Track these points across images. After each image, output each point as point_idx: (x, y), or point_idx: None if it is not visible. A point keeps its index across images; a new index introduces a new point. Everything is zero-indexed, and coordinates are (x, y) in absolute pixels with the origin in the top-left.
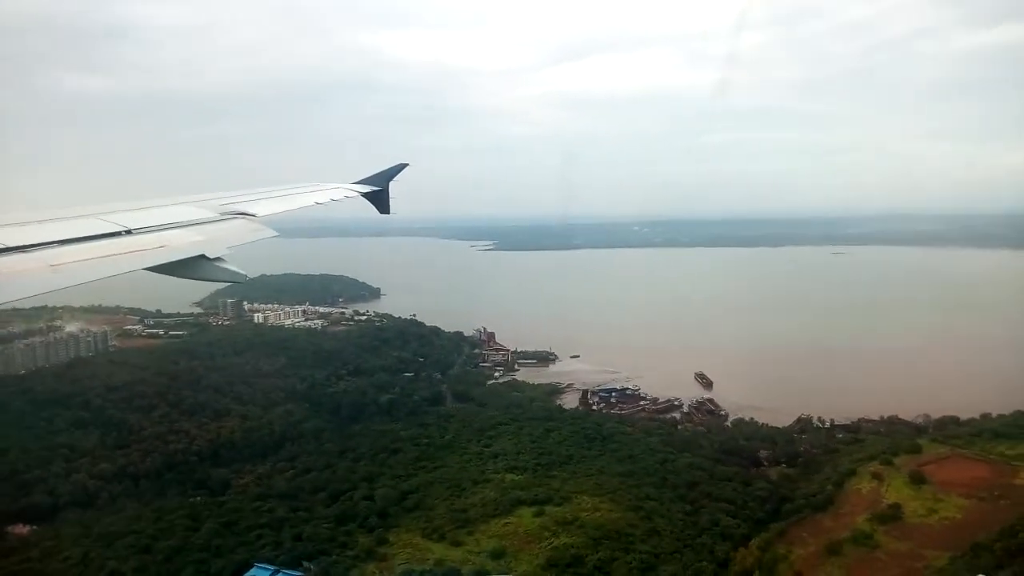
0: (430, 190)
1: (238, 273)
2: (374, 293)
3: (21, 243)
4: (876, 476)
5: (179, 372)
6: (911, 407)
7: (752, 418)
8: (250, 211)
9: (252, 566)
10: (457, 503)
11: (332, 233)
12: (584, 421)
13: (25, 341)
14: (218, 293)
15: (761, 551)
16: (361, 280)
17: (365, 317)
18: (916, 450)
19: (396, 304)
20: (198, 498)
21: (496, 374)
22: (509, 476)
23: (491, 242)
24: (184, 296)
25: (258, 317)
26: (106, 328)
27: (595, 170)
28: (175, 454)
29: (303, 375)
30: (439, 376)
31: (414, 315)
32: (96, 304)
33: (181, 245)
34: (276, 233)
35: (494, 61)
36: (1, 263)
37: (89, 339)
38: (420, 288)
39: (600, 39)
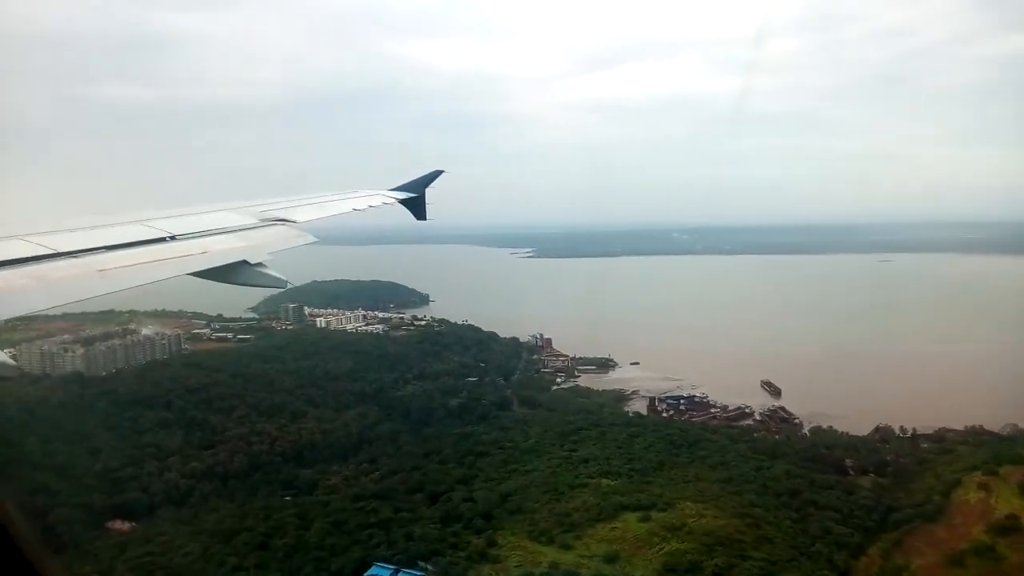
0: (462, 197)
1: (279, 279)
2: (423, 299)
3: (70, 249)
4: (983, 487)
5: (252, 375)
6: (983, 416)
7: (831, 426)
8: (290, 217)
9: (371, 565)
10: (558, 507)
11: (370, 240)
12: (667, 428)
13: (106, 343)
14: (274, 298)
15: (883, 560)
16: (410, 286)
17: (424, 322)
18: (1020, 460)
19: (445, 310)
20: (287, 498)
21: (558, 380)
22: (604, 481)
23: (530, 249)
24: (230, 302)
25: (320, 322)
26: (179, 331)
27: (624, 176)
28: (259, 455)
29: (370, 379)
30: (502, 381)
31: (465, 321)
32: (161, 308)
33: (223, 251)
34: (315, 239)
35: (525, 68)
36: (52, 268)
37: (164, 342)
38: (467, 294)
39: (630, 47)
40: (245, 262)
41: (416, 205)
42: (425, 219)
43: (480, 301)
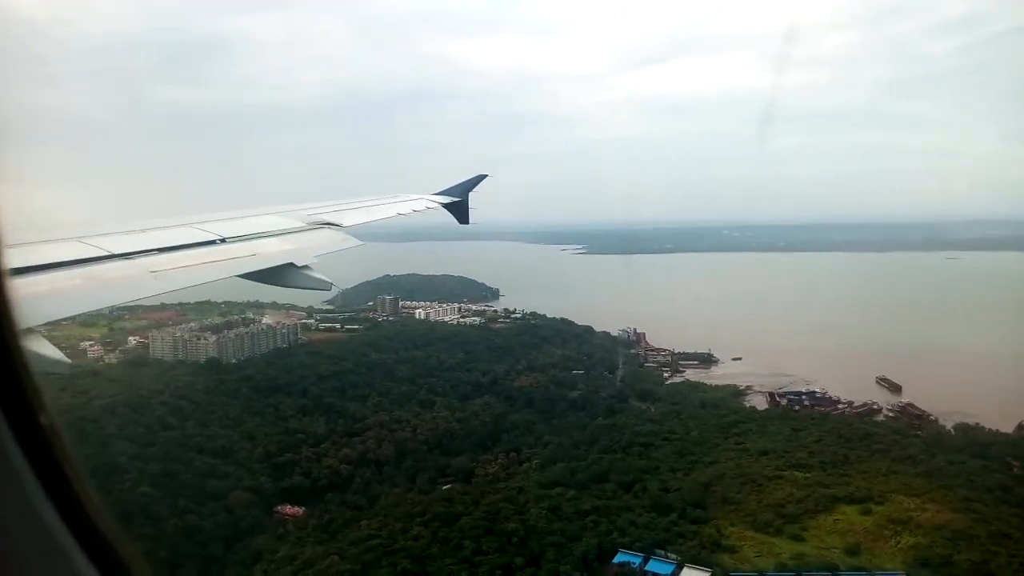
0: (508, 195)
1: (324, 281)
2: (493, 294)
3: (124, 251)
4: None
5: (373, 364)
6: None
7: (978, 423)
8: (336, 221)
9: (613, 551)
10: (765, 498)
11: (412, 237)
12: (826, 421)
13: (234, 331)
14: (350, 292)
15: None
16: (479, 281)
17: (520, 316)
18: None
19: (516, 304)
20: (447, 486)
21: (664, 374)
22: (797, 473)
23: (581, 246)
24: (303, 296)
25: (420, 313)
26: (296, 321)
27: (671, 174)
28: (404, 442)
29: (482, 369)
30: (608, 374)
31: (559, 316)
32: (254, 300)
33: (271, 253)
34: (360, 243)
35: (573, 66)
36: (107, 269)
37: (284, 331)
38: (533, 289)
39: (681, 43)
40: (292, 264)
41: (459, 209)
42: (468, 223)
43: (548, 296)
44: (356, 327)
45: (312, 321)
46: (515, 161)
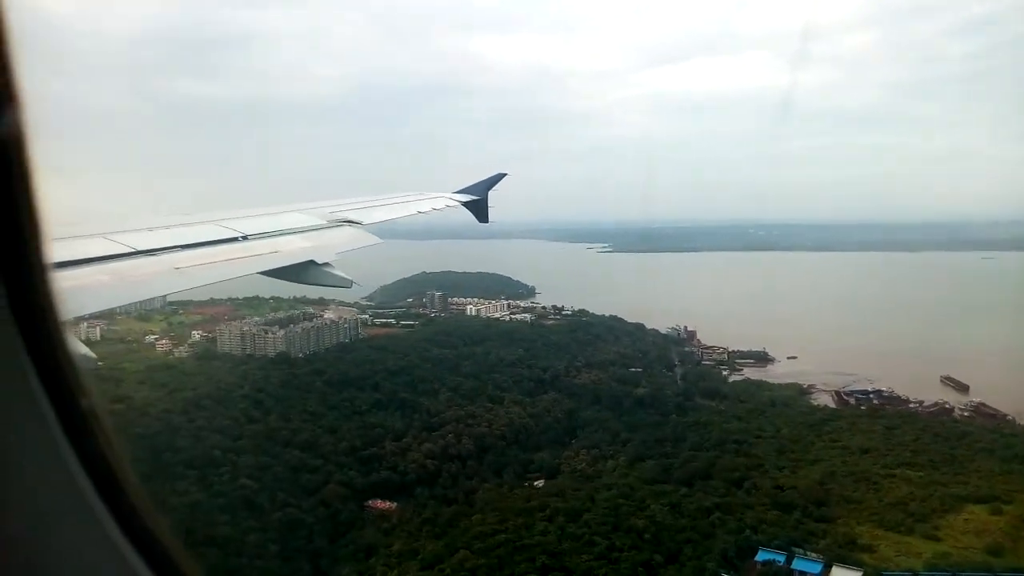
0: (525, 193)
1: (344, 278)
2: (529, 291)
3: (149, 247)
4: None
5: (436, 359)
6: None
7: None
8: (356, 219)
9: (755, 550)
10: (884, 496)
11: (432, 235)
12: (916, 420)
13: (300, 326)
14: (389, 288)
15: None
16: (515, 279)
17: (570, 312)
18: None
19: (552, 301)
20: (537, 483)
21: (723, 372)
22: (910, 472)
23: (605, 244)
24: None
25: (470, 310)
26: (357, 316)
27: (691, 173)
28: (482, 437)
29: (543, 366)
30: (668, 372)
31: (590, 312)
32: (302, 296)
33: (292, 251)
34: (380, 240)
35: (594, 63)
36: (132, 265)
37: (346, 326)
38: (566, 287)
39: (700, 42)
40: (313, 262)
41: (479, 208)
42: (487, 222)
43: (584, 293)
44: (411, 323)
45: (366, 316)
46: (533, 158)
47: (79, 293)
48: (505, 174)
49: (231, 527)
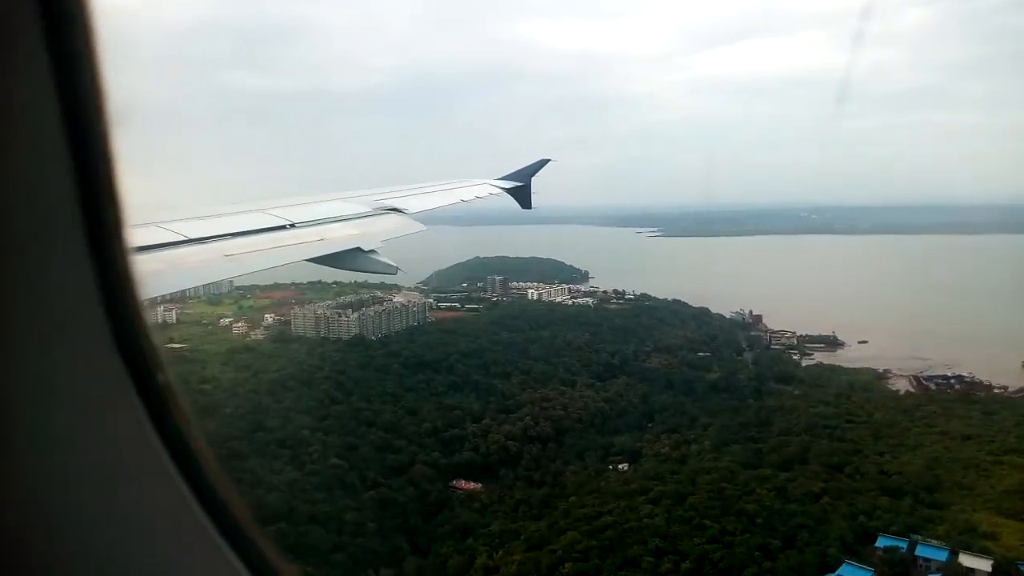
0: (576, 179)
1: (390, 265)
2: (582, 276)
3: (200, 235)
4: None
5: (506, 342)
6: None
7: None
8: (401, 207)
9: (874, 535)
10: (996, 483)
11: (476, 220)
12: (1017, 406)
13: (373, 309)
14: (444, 273)
15: None
16: (568, 263)
17: (632, 297)
18: None
19: (608, 286)
20: (622, 466)
21: (794, 356)
22: (1018, 459)
23: (655, 229)
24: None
25: (531, 294)
26: (424, 300)
27: (743, 156)
28: (559, 420)
29: (611, 350)
30: (738, 357)
31: (652, 296)
32: (363, 279)
33: (339, 238)
34: (424, 227)
35: (644, 47)
36: (185, 253)
37: (415, 309)
38: (621, 271)
39: (753, 23)
40: (359, 249)
41: (522, 194)
42: (531, 208)
43: (638, 277)
44: (476, 307)
45: (430, 300)
46: (583, 144)
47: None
48: (549, 160)
49: (328, 504)
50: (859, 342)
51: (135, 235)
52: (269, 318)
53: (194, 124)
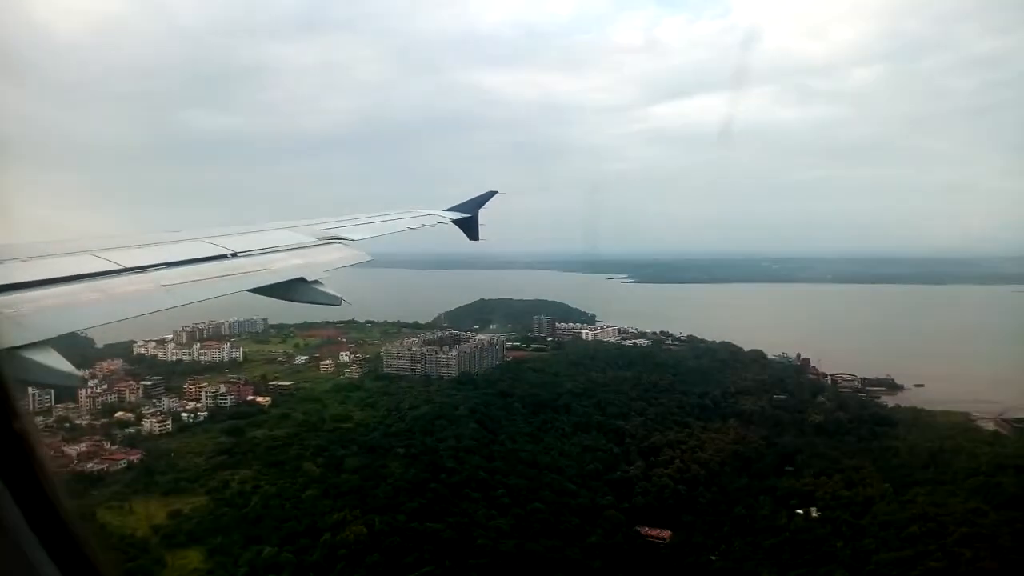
0: (528, 224)
1: (334, 296)
2: (589, 318)
3: (136, 264)
4: None
5: (598, 383)
6: None
7: None
8: (346, 236)
9: None
10: None
11: (453, 265)
12: None
13: (466, 346)
14: (463, 311)
15: None
16: (573, 306)
17: (682, 338)
18: None
19: (620, 326)
20: (798, 510)
21: (867, 399)
22: None
23: (624, 275)
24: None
25: (585, 335)
26: (502, 338)
27: (697, 207)
28: (707, 463)
29: (698, 392)
30: (816, 399)
31: (700, 339)
32: (376, 320)
33: (282, 268)
34: (371, 257)
35: (598, 98)
36: (118, 283)
37: (497, 347)
38: (623, 314)
39: (708, 79)
40: (302, 279)
41: (469, 226)
42: (478, 239)
43: (640, 320)
44: (541, 347)
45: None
46: (536, 191)
47: (66, 310)
48: (496, 192)
49: (552, 552)
50: (916, 385)
51: (69, 265)
52: (345, 356)
53: (146, 161)
